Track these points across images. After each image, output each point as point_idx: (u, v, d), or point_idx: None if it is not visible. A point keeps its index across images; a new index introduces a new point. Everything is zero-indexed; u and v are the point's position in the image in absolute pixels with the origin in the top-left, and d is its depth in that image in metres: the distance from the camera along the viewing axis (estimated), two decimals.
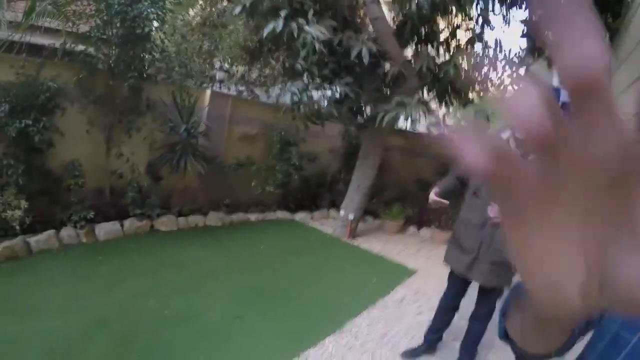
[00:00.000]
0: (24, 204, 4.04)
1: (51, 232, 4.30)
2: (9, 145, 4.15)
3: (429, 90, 6.07)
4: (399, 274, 4.86)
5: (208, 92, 6.26)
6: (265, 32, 4.57)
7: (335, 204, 6.93)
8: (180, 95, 5.47)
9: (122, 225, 4.90)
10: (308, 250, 5.35)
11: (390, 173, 7.46)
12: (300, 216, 6.89)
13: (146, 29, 4.57)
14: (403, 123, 5.27)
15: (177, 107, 5.47)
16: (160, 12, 4.75)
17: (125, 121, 4.94)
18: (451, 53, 5.64)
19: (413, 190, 7.25)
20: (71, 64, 4.57)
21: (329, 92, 4.99)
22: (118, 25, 4.52)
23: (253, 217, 6.35)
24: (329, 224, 6.60)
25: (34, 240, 4.13)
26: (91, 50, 4.58)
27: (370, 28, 5.54)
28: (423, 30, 5.83)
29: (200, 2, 7.35)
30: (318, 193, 7.41)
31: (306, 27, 4.49)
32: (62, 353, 2.63)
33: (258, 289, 3.91)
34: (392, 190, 7.49)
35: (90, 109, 4.77)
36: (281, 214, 6.79)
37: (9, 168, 4.06)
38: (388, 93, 5.70)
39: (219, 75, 7.23)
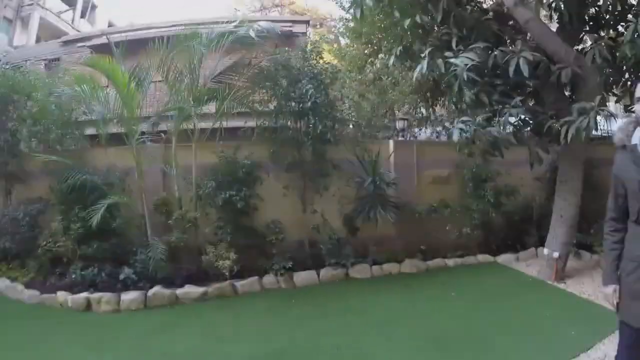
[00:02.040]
0: (233, 255, 5.35)
1: (255, 278, 5.47)
2: (219, 211, 5.61)
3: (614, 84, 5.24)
4: (607, 324, 3.83)
5: (391, 142, 6.80)
6: (415, 75, 4.71)
7: (544, 241, 6.04)
8: (362, 151, 6.13)
9: (318, 274, 5.68)
10: (502, 296, 5.02)
11: (604, 195, 6.06)
12: (503, 258, 6.42)
13: (309, 103, 5.55)
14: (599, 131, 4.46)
15: (361, 163, 6.11)
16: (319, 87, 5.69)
17: (315, 182, 5.92)
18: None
19: None
20: (262, 141, 5.94)
21: (503, 119, 4.61)
22: (289, 103, 5.71)
23: (451, 262, 6.27)
24: (535, 264, 5.97)
25: (240, 284, 5.38)
26: (274, 125, 5.84)
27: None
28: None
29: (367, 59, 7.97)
30: (524, 230, 6.64)
31: (453, 60, 4.35)
32: None
33: (437, 338, 3.91)
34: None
35: (283, 176, 5.96)
36: (482, 257, 6.45)
37: (220, 228, 5.61)
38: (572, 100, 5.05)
39: (399, 124, 7.59)
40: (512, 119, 4.77)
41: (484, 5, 5.91)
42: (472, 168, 6.39)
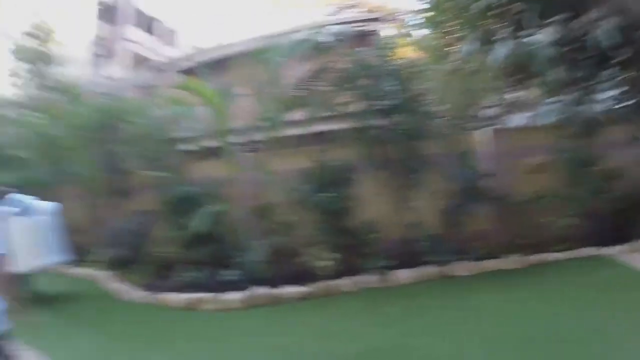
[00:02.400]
0: (330, 256, 5.57)
1: (352, 277, 5.57)
2: (315, 213, 5.87)
3: None
4: None
5: (481, 132, 6.57)
6: (492, 59, 4.53)
7: None
8: (452, 143, 6.06)
9: (415, 272, 5.61)
10: (613, 294, 4.46)
11: None
12: (612, 250, 5.75)
13: (392, 101, 5.68)
14: None
15: (452, 156, 6.03)
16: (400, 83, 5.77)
17: (408, 179, 5.92)
18: None
19: None
20: (351, 142, 6.08)
21: (602, 95, 4.33)
22: (373, 102, 5.85)
23: (554, 256, 5.81)
24: None
25: (337, 283, 5.53)
26: (360, 125, 5.99)
27: None
28: None
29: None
30: (633, 218, 5.96)
31: (530, 38, 4.16)
32: None
33: (543, 340, 3.60)
34: None
35: (377, 175, 6.02)
36: (588, 250, 5.85)
37: (317, 230, 5.86)
38: None
39: (487, 112, 7.27)
40: (608, 94, 4.39)
41: None
42: (571, 152, 5.94)
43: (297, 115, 6.38)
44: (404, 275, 5.59)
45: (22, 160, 9.60)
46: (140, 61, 23.02)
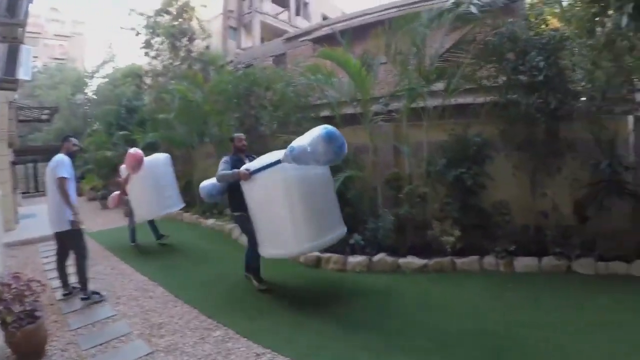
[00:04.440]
0: (457, 232, 5.72)
1: (475, 257, 5.67)
2: (448, 188, 6.02)
3: None
4: None
5: (630, 118, 5.95)
6: None
7: None
8: (598, 129, 5.54)
9: (539, 262, 5.47)
10: None
11: None
12: None
13: (541, 77, 5.39)
14: None
15: (597, 143, 5.57)
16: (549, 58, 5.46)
17: (546, 163, 5.72)
18: None
19: None
20: (491, 118, 5.98)
21: None
22: (518, 77, 5.64)
23: None
24: None
25: (460, 261, 5.65)
26: (503, 101, 5.81)
27: None
28: None
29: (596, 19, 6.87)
30: None
31: None
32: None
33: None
34: None
35: (514, 155, 5.93)
36: None
37: (447, 205, 6.00)
38: None
39: None
40: None
41: None
42: None
43: (437, 86, 6.31)
44: (527, 263, 5.49)
45: (167, 122, 11.03)
46: (273, 32, 24.39)
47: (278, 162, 4.36)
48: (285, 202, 4.37)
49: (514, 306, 4.45)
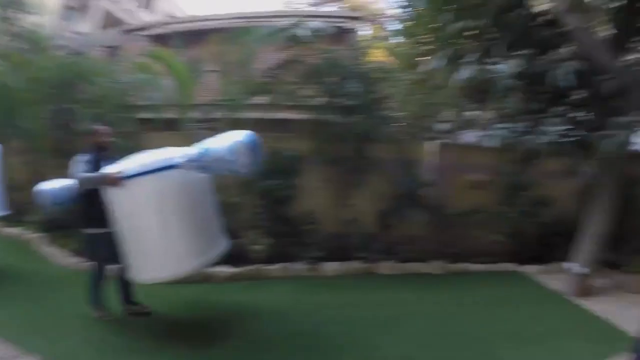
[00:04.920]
0: (267, 241, 5.99)
1: (285, 264, 6.04)
2: (259, 198, 6.25)
3: None
4: (617, 346, 3.92)
5: (432, 144, 7.15)
6: (458, 79, 4.89)
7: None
8: (403, 150, 6.57)
9: (344, 265, 6.16)
10: (519, 306, 5.21)
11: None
12: (529, 269, 6.59)
13: (356, 102, 6.11)
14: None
15: (400, 162, 6.56)
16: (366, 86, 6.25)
17: (354, 178, 6.41)
18: None
19: None
20: (307, 134, 6.47)
21: (543, 128, 4.77)
22: (337, 100, 6.25)
23: (476, 267, 6.56)
24: (560, 278, 5.92)
25: (270, 268, 5.95)
26: (320, 119, 6.38)
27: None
28: None
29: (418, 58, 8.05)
30: (554, 242, 6.70)
31: (496, 66, 4.59)
32: None
33: (441, 338, 4.16)
34: None
35: (324, 169, 6.47)
36: (508, 266, 6.67)
37: (258, 214, 6.18)
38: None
39: (442, 126, 7.71)
40: (554, 129, 4.86)
41: (534, 11, 5.99)
42: (510, 175, 6.64)
43: (260, 99, 6.56)
44: (332, 267, 6.10)
45: None
46: (113, 21, 22.39)
47: (172, 167, 3.60)
48: (161, 215, 3.69)
49: (322, 307, 4.86)
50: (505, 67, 4.70)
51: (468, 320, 4.64)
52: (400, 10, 6.28)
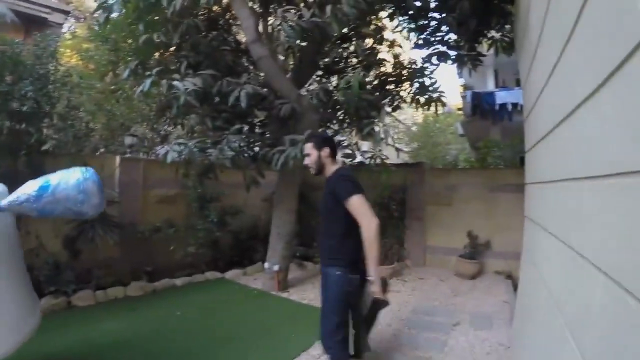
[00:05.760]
0: None
1: None
2: None
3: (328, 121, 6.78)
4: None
5: (117, 158, 6.72)
6: (137, 92, 4.84)
7: None
8: (83, 166, 5.59)
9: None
10: (229, 309, 5.51)
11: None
12: (231, 274, 7.19)
13: (25, 107, 5.22)
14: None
15: None
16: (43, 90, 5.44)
17: None
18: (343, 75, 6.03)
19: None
20: None
21: (231, 143, 5.11)
22: (10, 103, 5.21)
23: (179, 281, 6.60)
24: (261, 278, 6.79)
25: None
26: None
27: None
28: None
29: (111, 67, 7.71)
30: (251, 246, 7.55)
31: (175, 83, 4.65)
32: None
33: (163, 355, 4.06)
34: None
35: None
36: (210, 275, 7.06)
37: None
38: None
39: (128, 140, 7.50)
40: (234, 145, 5.29)
41: (227, 37, 6.54)
42: (197, 188, 6.96)
43: None
44: None
45: None
46: None
47: None
48: None
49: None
50: (183, 84, 4.90)
51: (182, 333, 4.56)
52: (100, 12, 5.76)
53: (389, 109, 7.04)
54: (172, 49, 6.13)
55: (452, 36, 6.81)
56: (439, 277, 7.19)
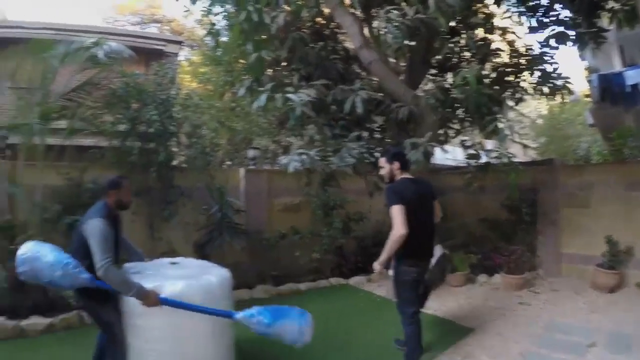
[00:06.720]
0: None
1: None
2: (64, 236, 5.18)
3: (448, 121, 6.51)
4: (448, 335, 4.71)
5: (242, 170, 7.29)
6: (254, 107, 5.09)
7: None
8: (211, 178, 6.49)
9: None
10: (351, 316, 5.55)
11: (452, 217, 7.44)
12: (355, 280, 7.23)
13: (152, 129, 5.94)
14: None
15: (210, 190, 6.47)
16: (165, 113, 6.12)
17: (162, 208, 6.12)
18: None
19: (478, 233, 7.47)
20: (111, 163, 5.90)
21: (350, 151, 5.27)
22: (139, 127, 5.99)
23: (303, 286, 6.82)
24: (385, 285, 6.49)
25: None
26: (123, 147, 5.96)
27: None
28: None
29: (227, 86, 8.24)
30: (375, 253, 7.26)
31: (290, 95, 4.93)
32: None
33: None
34: (458, 236, 7.63)
35: (133, 202, 5.71)
36: (335, 281, 7.19)
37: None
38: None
39: (251, 153, 7.97)
40: (354, 152, 5.35)
41: (335, 45, 6.67)
42: (320, 196, 7.16)
43: (59, 124, 5.87)
44: None
45: None
46: None
47: None
48: None
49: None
50: (297, 96, 5.03)
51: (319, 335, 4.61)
52: (209, 38, 6.27)
53: (511, 103, 6.57)
54: (283, 64, 6.43)
55: (568, 13, 6.26)
56: (573, 289, 6.47)
